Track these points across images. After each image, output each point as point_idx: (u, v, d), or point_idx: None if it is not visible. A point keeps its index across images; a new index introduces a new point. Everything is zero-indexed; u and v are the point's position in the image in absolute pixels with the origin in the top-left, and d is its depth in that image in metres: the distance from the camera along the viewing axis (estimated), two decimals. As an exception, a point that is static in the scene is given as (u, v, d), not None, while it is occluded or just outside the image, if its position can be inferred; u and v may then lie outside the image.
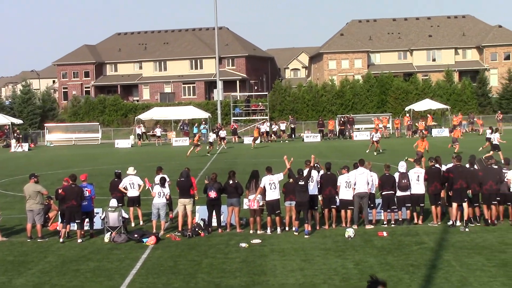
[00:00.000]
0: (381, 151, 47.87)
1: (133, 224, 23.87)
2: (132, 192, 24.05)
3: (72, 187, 21.87)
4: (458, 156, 22.45)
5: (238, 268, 17.57)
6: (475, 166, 22.63)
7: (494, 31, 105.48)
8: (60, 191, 22.25)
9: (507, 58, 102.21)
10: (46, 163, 50.75)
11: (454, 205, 21.52)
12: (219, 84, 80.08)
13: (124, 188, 24.00)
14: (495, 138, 42.40)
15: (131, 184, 24.10)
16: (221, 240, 21.10)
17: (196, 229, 21.97)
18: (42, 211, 22.25)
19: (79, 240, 21.55)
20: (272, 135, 67.96)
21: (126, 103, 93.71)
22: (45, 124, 78.91)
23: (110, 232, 21.74)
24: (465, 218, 21.45)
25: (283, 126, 69.18)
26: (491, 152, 40.01)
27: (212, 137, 56.94)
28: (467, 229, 21.06)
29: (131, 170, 24.64)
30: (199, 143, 52.57)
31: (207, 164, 44.11)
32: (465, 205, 21.46)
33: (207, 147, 53.84)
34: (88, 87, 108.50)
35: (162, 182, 22.59)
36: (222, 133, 61.50)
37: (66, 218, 21.87)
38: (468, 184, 21.50)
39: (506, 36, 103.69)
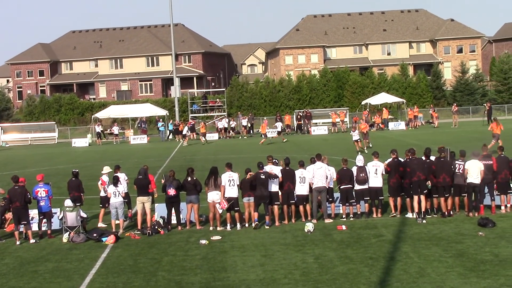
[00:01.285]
0: (370, 146, 46.11)
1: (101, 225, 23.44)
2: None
3: (15, 188, 21.59)
4: (412, 149, 22.65)
5: (198, 265, 17.56)
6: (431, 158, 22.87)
7: (447, 24, 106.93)
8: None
9: (460, 51, 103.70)
10: (1, 163, 50.01)
11: (415, 197, 21.79)
12: (176, 81, 79.75)
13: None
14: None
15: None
16: (181, 237, 21.05)
17: (156, 227, 21.90)
18: (-1, 212, 21.94)
19: (31, 241, 21.31)
20: (230, 131, 67.90)
21: (83, 101, 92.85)
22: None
23: (68, 232, 21.54)
24: (423, 209, 21.70)
25: (244, 122, 69.04)
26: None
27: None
28: (424, 221, 21.33)
29: (106, 169, 24.34)
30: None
31: (166, 162, 43.93)
32: (422, 197, 21.71)
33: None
34: (43, 86, 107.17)
35: (115, 181, 22.42)
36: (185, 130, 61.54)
37: (14, 219, 21.69)
38: (426, 176, 21.76)
39: (458, 30, 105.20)
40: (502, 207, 22.43)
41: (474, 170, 21.82)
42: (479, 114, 76.10)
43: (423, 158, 22.48)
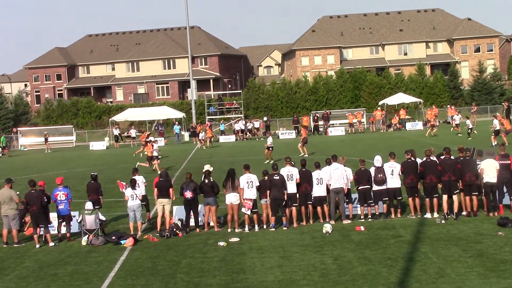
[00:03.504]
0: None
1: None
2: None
3: (32, 192, 21.77)
4: (447, 148, 22.60)
5: (217, 267, 17.59)
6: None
7: (464, 24, 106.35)
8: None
9: (477, 50, 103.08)
10: (20, 167, 50.31)
11: (444, 197, 21.76)
12: (193, 84, 79.90)
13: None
14: (496, 124, 45.67)
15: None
16: (199, 239, 21.10)
17: (174, 229, 21.96)
18: (18, 216, 22.08)
19: (51, 244, 21.44)
20: (247, 133, 67.98)
21: (100, 104, 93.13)
22: (18, 128, 78.12)
23: (87, 235, 21.65)
24: (455, 210, 21.65)
25: (257, 124, 69.15)
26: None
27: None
28: (443, 221, 21.25)
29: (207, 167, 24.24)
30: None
31: (183, 164, 44.01)
32: (455, 197, 21.67)
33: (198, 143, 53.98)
34: (61, 90, 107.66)
35: (133, 184, 22.51)
36: (201, 135, 61.40)
37: (32, 223, 21.91)
38: (457, 176, 21.73)
39: (475, 29, 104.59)
40: (521, 207, 22.30)
41: (490, 170, 21.72)
42: (498, 113, 75.61)
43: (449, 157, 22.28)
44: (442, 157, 22.38)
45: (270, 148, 42.38)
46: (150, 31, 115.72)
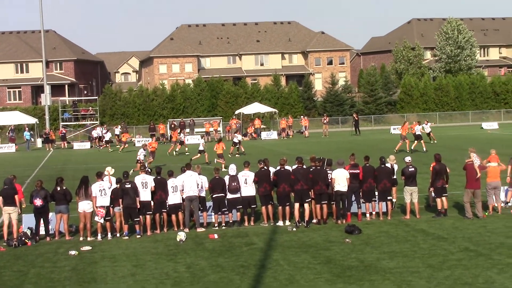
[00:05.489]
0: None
1: None
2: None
3: None
4: (282, 159, 23.21)
5: (67, 276, 17.18)
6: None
7: (318, 37, 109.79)
8: None
9: (330, 63, 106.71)
10: None
11: (296, 205, 22.30)
12: (47, 89, 77.54)
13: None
14: (418, 129, 47.35)
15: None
16: (49, 248, 20.53)
17: (23, 238, 21.25)
18: None
19: None
20: (103, 141, 66.72)
21: None
22: None
23: None
24: (306, 218, 22.24)
25: (117, 131, 68.02)
26: (415, 142, 46.35)
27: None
28: (294, 229, 21.78)
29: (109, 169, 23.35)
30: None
31: (35, 171, 42.70)
32: (306, 205, 22.24)
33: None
34: None
35: None
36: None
37: None
38: (309, 185, 22.31)
39: (329, 42, 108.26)
40: (367, 215, 23.25)
41: (341, 179, 22.52)
42: (347, 125, 78.58)
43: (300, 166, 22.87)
44: (294, 167, 22.96)
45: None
46: (2, 33, 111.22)
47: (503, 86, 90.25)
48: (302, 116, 75.09)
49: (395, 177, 23.71)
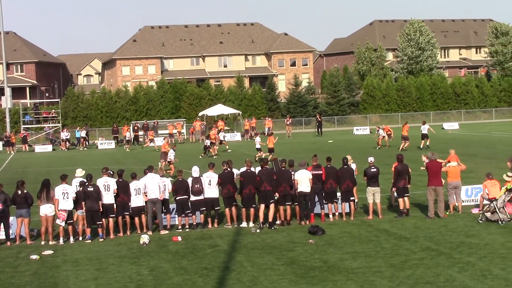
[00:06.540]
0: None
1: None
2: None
3: None
4: (265, 159, 23.29)
5: (28, 281, 17.00)
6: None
7: (281, 38, 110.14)
8: None
9: (293, 64, 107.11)
10: None
11: (262, 206, 22.35)
12: (7, 91, 76.68)
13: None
14: (425, 128, 49.05)
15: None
16: (10, 253, 20.29)
17: (-17, 243, 20.98)
18: None
19: None
20: (67, 143, 66.08)
21: None
22: None
23: None
24: (261, 219, 22.29)
25: (83, 133, 67.36)
26: (422, 141, 48.13)
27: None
28: (258, 230, 21.82)
29: (78, 172, 23.07)
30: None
31: (-5, 175, 42.18)
32: (271, 206, 22.27)
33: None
34: None
35: None
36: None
37: None
38: (273, 186, 22.35)
39: (292, 44, 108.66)
40: (330, 215, 23.37)
41: (304, 180, 22.61)
42: (311, 126, 78.96)
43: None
44: (258, 168, 23.02)
45: None
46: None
47: (463, 87, 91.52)
48: (265, 118, 75.33)
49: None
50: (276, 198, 22.54)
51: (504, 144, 49.15)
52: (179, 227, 22.73)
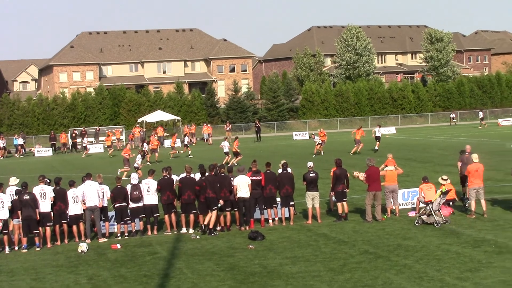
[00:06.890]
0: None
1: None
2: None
3: None
4: (212, 165, 23.17)
5: (-38, 293, 16.63)
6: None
7: (220, 44, 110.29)
8: None
9: (233, 70, 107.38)
10: None
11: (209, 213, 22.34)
12: None
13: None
14: (380, 131, 51.05)
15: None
16: None
17: None
18: None
19: None
20: (3, 150, 64.68)
21: None
22: None
23: None
24: (211, 226, 22.24)
25: (20, 141, 65.96)
26: (377, 143, 49.37)
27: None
28: (198, 236, 21.77)
29: (12, 180, 22.50)
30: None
31: None
32: (214, 213, 22.21)
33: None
34: None
35: None
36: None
37: None
38: (216, 193, 22.30)
39: (231, 50, 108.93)
40: (270, 220, 23.47)
41: (243, 185, 22.66)
42: (250, 131, 79.16)
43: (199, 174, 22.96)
44: (206, 174, 22.94)
45: None
46: None
47: (400, 92, 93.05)
48: (205, 124, 75.26)
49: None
50: (219, 205, 22.48)
51: (439, 148, 50.16)
52: (118, 235, 22.51)
